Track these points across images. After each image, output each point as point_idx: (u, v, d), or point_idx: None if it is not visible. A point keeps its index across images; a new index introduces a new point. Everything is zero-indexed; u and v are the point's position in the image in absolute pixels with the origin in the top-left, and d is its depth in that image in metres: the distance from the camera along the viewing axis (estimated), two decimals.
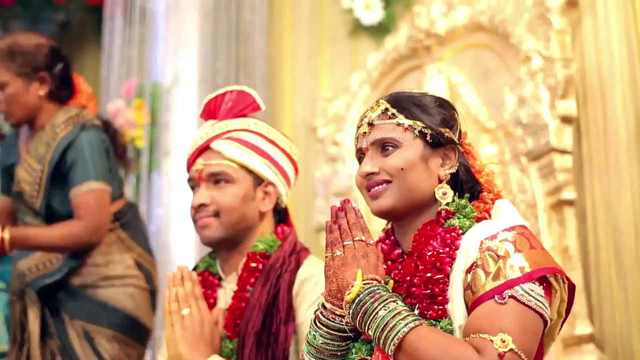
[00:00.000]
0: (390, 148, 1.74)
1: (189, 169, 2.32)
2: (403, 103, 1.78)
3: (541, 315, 1.56)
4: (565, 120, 3.05)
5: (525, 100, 3.18)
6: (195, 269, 2.34)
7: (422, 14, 3.86)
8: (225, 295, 2.25)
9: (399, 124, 1.75)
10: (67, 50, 7.02)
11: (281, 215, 2.38)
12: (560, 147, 3.03)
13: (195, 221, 2.26)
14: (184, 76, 4.75)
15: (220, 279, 2.29)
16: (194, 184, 2.29)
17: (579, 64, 3.11)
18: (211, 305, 2.23)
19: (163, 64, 4.88)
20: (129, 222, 3.16)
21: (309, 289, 2.14)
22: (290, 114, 4.75)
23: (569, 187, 3.03)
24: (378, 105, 1.80)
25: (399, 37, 4.00)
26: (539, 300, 1.55)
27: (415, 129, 1.74)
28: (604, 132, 2.98)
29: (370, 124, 1.78)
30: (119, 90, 4.89)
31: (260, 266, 2.19)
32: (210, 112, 2.37)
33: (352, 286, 1.61)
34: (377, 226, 1.96)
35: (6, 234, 2.87)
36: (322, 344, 1.70)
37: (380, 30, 4.20)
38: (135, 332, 3.05)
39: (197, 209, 2.24)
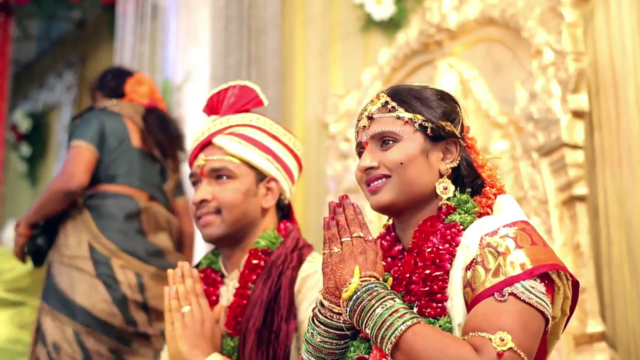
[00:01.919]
0: (390, 142, 1.70)
1: (191, 164, 2.30)
2: (403, 96, 1.74)
3: (542, 313, 1.51)
4: (577, 114, 3.01)
5: (537, 95, 3.14)
6: (197, 266, 2.31)
7: (433, 8, 3.82)
8: (228, 292, 2.22)
9: (398, 118, 1.71)
10: (83, 48, 7.08)
11: (285, 211, 2.34)
12: (571, 142, 2.99)
13: (197, 218, 2.23)
14: (196, 73, 4.73)
15: (222, 276, 2.26)
16: (195, 179, 2.27)
17: (591, 57, 3.06)
18: (213, 303, 2.20)
19: (174, 60, 4.87)
20: (101, 208, 3.40)
21: (311, 285, 2.10)
22: (301, 111, 4.73)
23: (580, 182, 2.99)
24: (378, 99, 1.76)
25: (410, 32, 3.97)
26: (540, 298, 1.51)
27: (416, 122, 1.70)
28: (617, 126, 2.94)
29: (370, 118, 1.74)
30: None
31: (262, 263, 2.16)
32: (213, 107, 2.34)
33: (350, 283, 1.58)
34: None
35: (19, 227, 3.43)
36: (320, 342, 1.66)
37: (392, 25, 4.16)
38: (68, 310, 3.28)
39: (199, 205, 2.21)
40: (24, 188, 8.20)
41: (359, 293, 1.56)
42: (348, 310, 1.57)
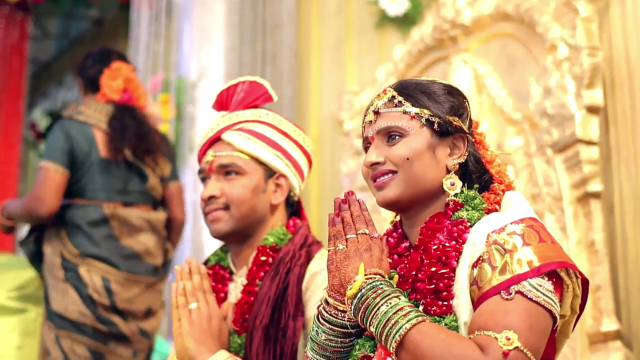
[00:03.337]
0: (396, 137, 1.68)
1: (199, 160, 2.28)
2: (410, 91, 1.71)
3: (550, 312, 1.48)
4: (592, 110, 2.97)
5: (551, 90, 3.10)
6: (206, 262, 2.29)
7: (448, 3, 3.79)
8: (236, 289, 2.19)
9: (405, 112, 1.69)
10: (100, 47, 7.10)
11: (294, 208, 2.32)
12: (586, 138, 2.95)
13: (205, 214, 2.22)
14: (210, 70, 4.72)
15: (231, 272, 2.25)
16: (204, 175, 2.25)
17: (606, 52, 3.02)
18: (222, 300, 2.17)
19: (189, 57, 4.86)
20: (69, 219, 3.51)
21: (319, 282, 2.07)
22: (316, 108, 4.71)
23: (595, 179, 2.95)
24: (385, 93, 1.74)
25: (424, 27, 3.94)
26: (547, 296, 1.48)
27: (422, 117, 1.68)
28: (632, 121, 2.90)
29: (377, 112, 1.72)
30: (145, 84, 4.87)
31: (270, 260, 2.13)
32: (222, 103, 2.32)
33: (354, 281, 1.56)
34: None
35: None
36: (325, 340, 1.64)
37: (406, 21, 4.14)
38: (50, 317, 3.45)
39: (207, 201, 2.19)
40: None
41: (363, 291, 1.53)
42: (352, 308, 1.55)
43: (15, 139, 6.53)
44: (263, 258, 2.14)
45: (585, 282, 1.60)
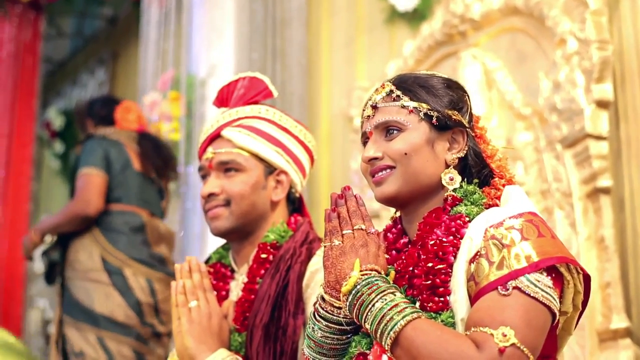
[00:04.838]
0: (395, 132, 1.65)
1: (200, 157, 2.26)
2: (408, 85, 1.69)
3: (548, 308, 1.45)
4: (601, 104, 2.92)
5: (560, 85, 3.06)
6: (207, 260, 2.27)
7: None
8: (237, 287, 2.17)
9: (403, 107, 1.66)
10: (114, 45, 7.11)
11: (295, 204, 2.29)
12: (595, 133, 2.90)
13: (205, 212, 2.20)
14: (220, 67, 4.69)
15: (232, 270, 2.23)
16: (204, 173, 2.23)
17: (616, 45, 2.97)
18: (223, 298, 2.16)
19: (198, 55, 4.84)
20: (109, 224, 3.74)
21: (320, 280, 2.04)
22: (327, 104, 4.69)
23: (605, 174, 2.90)
24: (383, 88, 1.71)
25: (434, 23, 3.91)
26: (546, 292, 1.44)
27: (421, 111, 1.65)
28: None
29: (375, 107, 1.70)
30: (155, 82, 4.87)
31: (271, 257, 2.11)
32: (223, 99, 2.31)
33: (350, 277, 1.53)
34: None
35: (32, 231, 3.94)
36: (321, 337, 1.62)
37: (416, 17, 4.10)
38: (88, 318, 3.60)
39: (207, 198, 2.17)
40: (57, 185, 8.26)
41: (358, 287, 1.51)
42: (348, 304, 1.52)
43: (29, 137, 6.56)
44: (264, 255, 2.12)
45: (587, 278, 1.57)
